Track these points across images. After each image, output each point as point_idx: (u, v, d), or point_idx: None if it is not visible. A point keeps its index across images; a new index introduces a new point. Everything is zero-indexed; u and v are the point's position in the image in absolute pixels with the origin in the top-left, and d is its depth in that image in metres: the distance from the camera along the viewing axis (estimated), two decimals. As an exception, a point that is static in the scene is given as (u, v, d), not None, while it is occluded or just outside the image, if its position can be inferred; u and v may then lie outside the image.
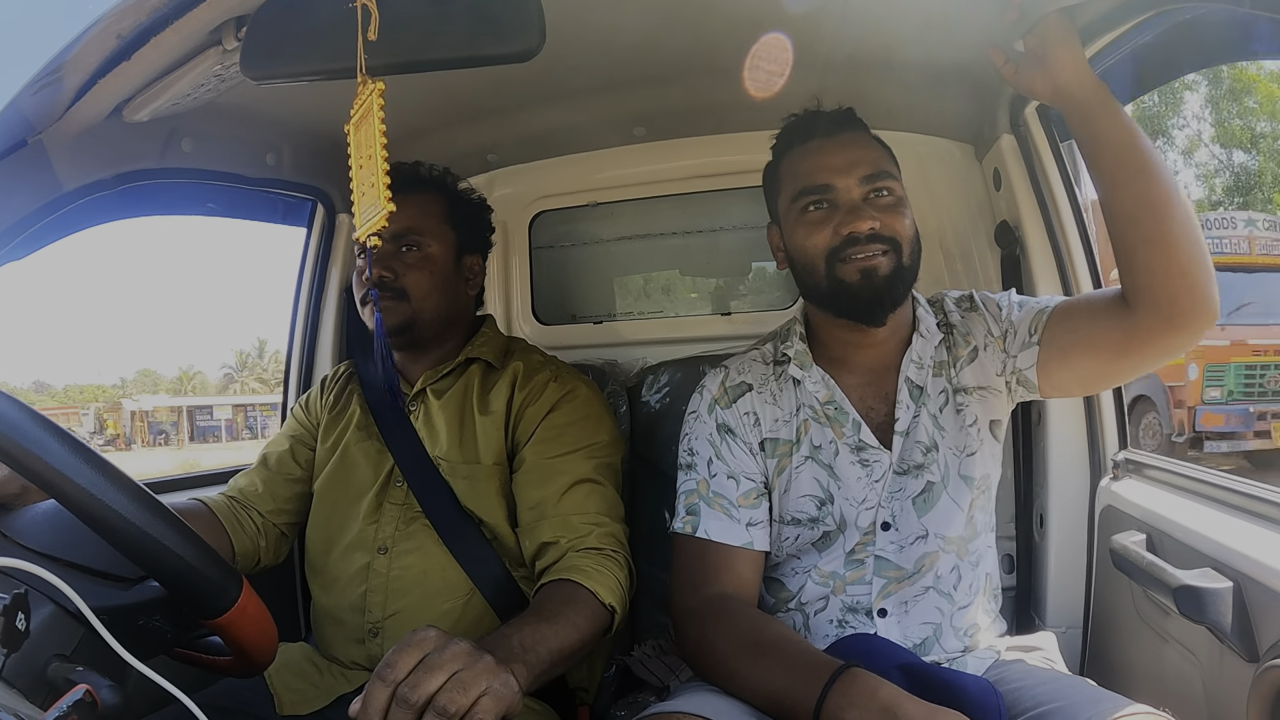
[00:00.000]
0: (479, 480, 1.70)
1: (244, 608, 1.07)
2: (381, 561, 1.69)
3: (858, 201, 1.51)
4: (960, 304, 1.61)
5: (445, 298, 1.81)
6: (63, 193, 1.56)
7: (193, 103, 1.52)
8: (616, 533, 1.62)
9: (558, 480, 1.64)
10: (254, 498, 1.86)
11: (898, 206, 1.51)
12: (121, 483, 1.00)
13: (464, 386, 1.79)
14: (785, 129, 1.63)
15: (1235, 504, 1.40)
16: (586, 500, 1.63)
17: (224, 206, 2.15)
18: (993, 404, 1.55)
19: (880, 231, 1.49)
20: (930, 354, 1.56)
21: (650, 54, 1.91)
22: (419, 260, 1.78)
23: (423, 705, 1.00)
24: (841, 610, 1.51)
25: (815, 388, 1.57)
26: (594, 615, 1.45)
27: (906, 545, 1.50)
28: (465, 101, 2.14)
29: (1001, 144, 1.95)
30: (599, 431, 1.74)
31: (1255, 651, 1.22)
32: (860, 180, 1.51)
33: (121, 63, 1.29)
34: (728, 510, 1.54)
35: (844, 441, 1.54)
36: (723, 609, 1.44)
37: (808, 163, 1.55)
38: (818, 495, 1.54)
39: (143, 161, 1.75)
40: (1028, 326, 1.50)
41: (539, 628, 1.32)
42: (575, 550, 1.55)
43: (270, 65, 1.21)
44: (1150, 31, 1.45)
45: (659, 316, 2.58)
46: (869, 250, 1.48)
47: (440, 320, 1.81)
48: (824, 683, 1.19)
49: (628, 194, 2.50)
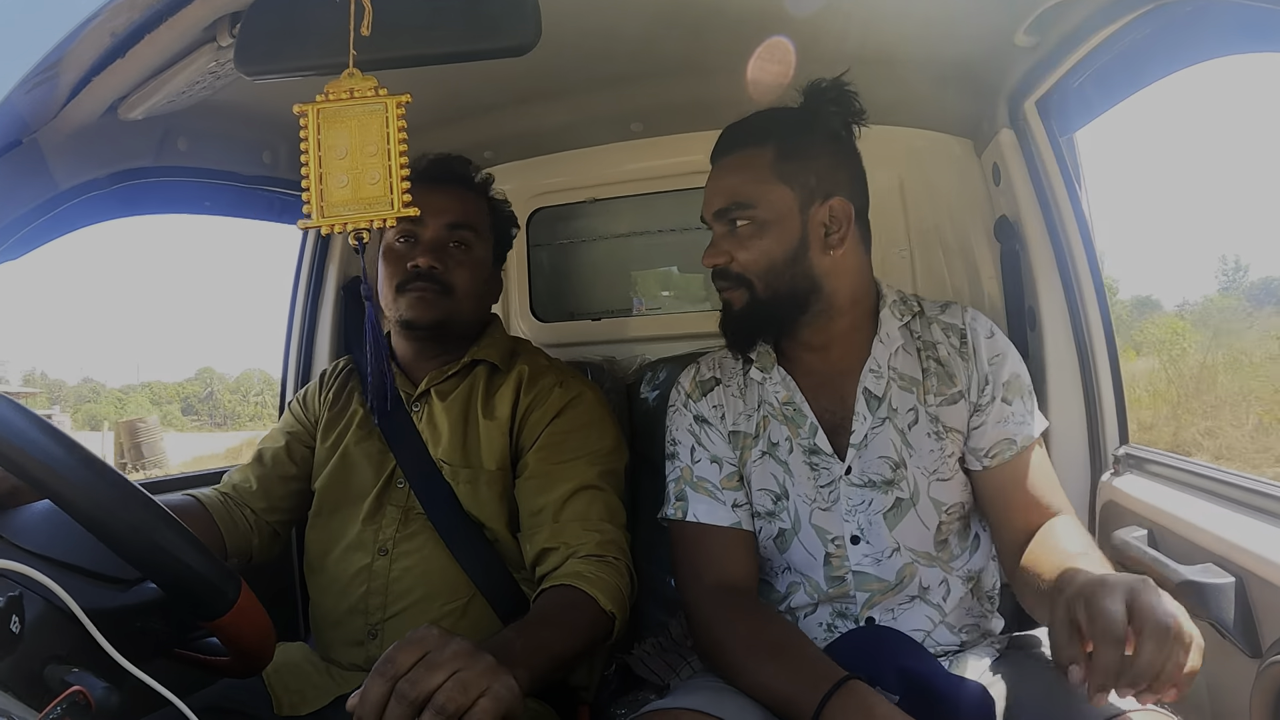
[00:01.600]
0: (480, 484, 1.69)
1: (242, 609, 1.07)
2: (382, 563, 1.69)
3: (717, 236, 1.55)
4: (950, 335, 1.56)
5: (480, 302, 1.84)
6: (58, 192, 1.55)
7: (188, 100, 1.51)
8: (618, 539, 1.62)
9: (560, 487, 1.63)
10: (248, 495, 1.84)
11: (752, 237, 1.51)
12: (116, 483, 0.99)
13: (469, 389, 1.78)
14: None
15: (1238, 499, 1.39)
16: (589, 507, 1.63)
17: (220, 205, 2.15)
18: (960, 444, 1.54)
19: (728, 268, 1.52)
20: (890, 361, 1.55)
21: (648, 49, 1.90)
22: (467, 259, 1.78)
23: (422, 702, 0.98)
24: (831, 615, 1.52)
25: (775, 388, 1.57)
26: (595, 621, 1.44)
27: (883, 559, 1.50)
28: (461, 97, 2.13)
29: (1001, 139, 1.94)
30: (603, 438, 1.74)
31: (1258, 647, 1.21)
32: (714, 216, 1.55)
33: (116, 60, 1.29)
34: (712, 493, 1.56)
35: (799, 442, 1.54)
36: (728, 605, 1.45)
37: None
38: (773, 490, 1.55)
39: (138, 160, 1.74)
40: (990, 440, 1.51)
41: (540, 632, 1.33)
42: (577, 557, 1.54)
43: (265, 61, 1.20)
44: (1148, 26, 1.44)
45: (657, 313, 2.57)
46: (719, 285, 1.55)
47: (469, 324, 1.81)
48: (823, 694, 1.21)
49: (626, 190, 2.50)
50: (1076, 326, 1.86)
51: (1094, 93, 1.72)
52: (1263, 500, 1.33)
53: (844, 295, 1.53)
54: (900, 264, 2.29)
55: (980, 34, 1.69)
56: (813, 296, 1.51)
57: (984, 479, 1.51)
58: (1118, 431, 1.82)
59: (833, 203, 1.50)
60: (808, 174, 1.50)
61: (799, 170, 1.50)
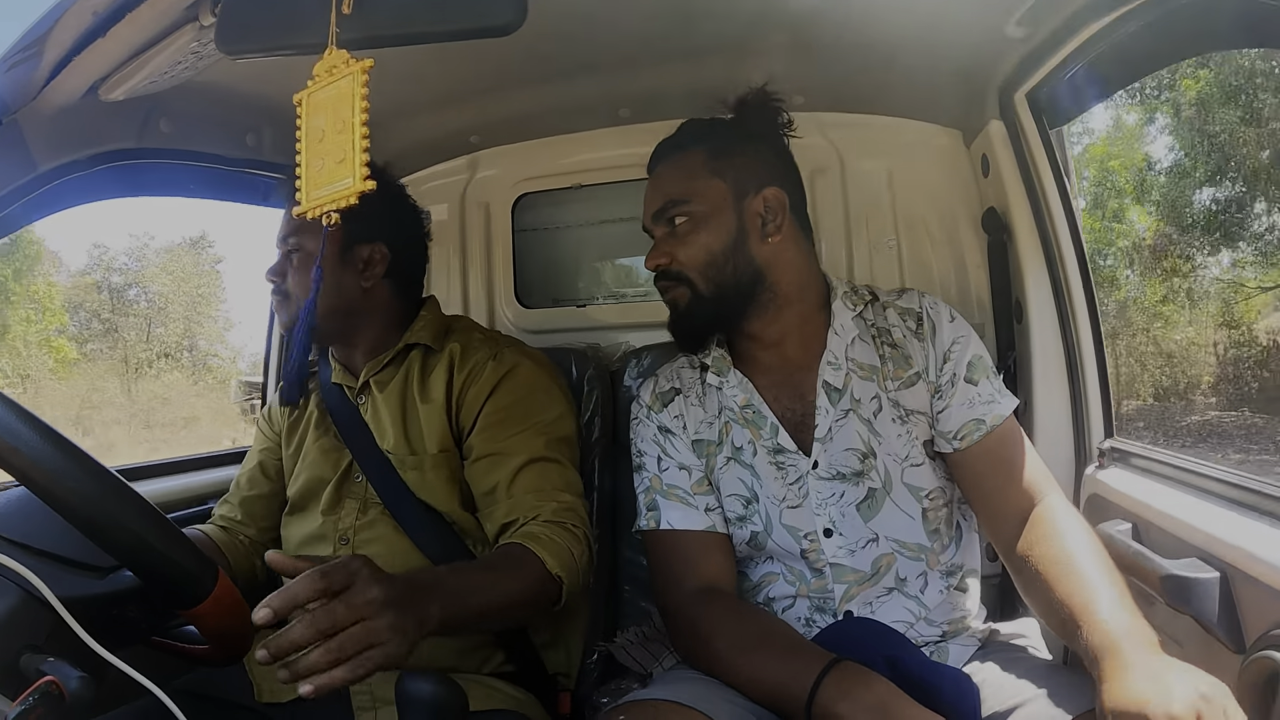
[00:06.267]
0: (426, 470, 1.68)
1: (219, 598, 1.06)
2: (345, 551, 1.68)
3: (658, 239, 1.58)
4: (906, 318, 1.56)
5: (340, 294, 1.75)
6: (38, 173, 1.54)
7: (170, 81, 1.49)
8: (574, 506, 1.60)
9: (509, 463, 1.62)
10: (237, 524, 1.87)
11: (690, 233, 1.53)
12: (89, 467, 0.98)
13: (405, 374, 1.77)
14: None
15: (1222, 493, 1.39)
16: (542, 479, 1.61)
17: (204, 187, 2.13)
18: (925, 427, 1.53)
19: (668, 267, 1.55)
20: (848, 353, 1.54)
21: (638, 33, 1.89)
22: (303, 263, 1.75)
23: (325, 634, 1.00)
24: (809, 609, 1.51)
25: (733, 392, 1.57)
26: (538, 581, 1.43)
27: (858, 549, 1.49)
28: (447, 81, 2.12)
29: (990, 130, 1.94)
30: (547, 406, 1.72)
31: (1242, 642, 1.21)
32: (653, 218, 1.59)
33: (97, 39, 1.27)
34: (684, 499, 1.56)
35: (762, 444, 1.54)
36: (711, 605, 1.45)
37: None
38: (743, 495, 1.55)
39: (120, 141, 1.72)
40: (957, 422, 1.49)
41: (474, 577, 1.33)
42: (535, 521, 1.54)
43: (245, 39, 1.19)
44: (1140, 19, 1.44)
45: (643, 300, 2.56)
46: (661, 285, 1.57)
47: (344, 317, 1.77)
48: (816, 675, 1.20)
49: (613, 176, 2.48)
50: (1063, 319, 1.86)
51: (1084, 85, 1.72)
52: (1247, 495, 1.33)
53: (788, 284, 1.54)
54: (887, 254, 2.28)
55: (971, 25, 1.68)
56: (756, 286, 1.52)
57: (960, 462, 1.49)
58: (1103, 425, 1.82)
59: (766, 193, 1.52)
60: (740, 168, 1.53)
61: (730, 165, 1.53)
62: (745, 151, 1.55)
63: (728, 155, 1.54)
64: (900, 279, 2.25)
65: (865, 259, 2.26)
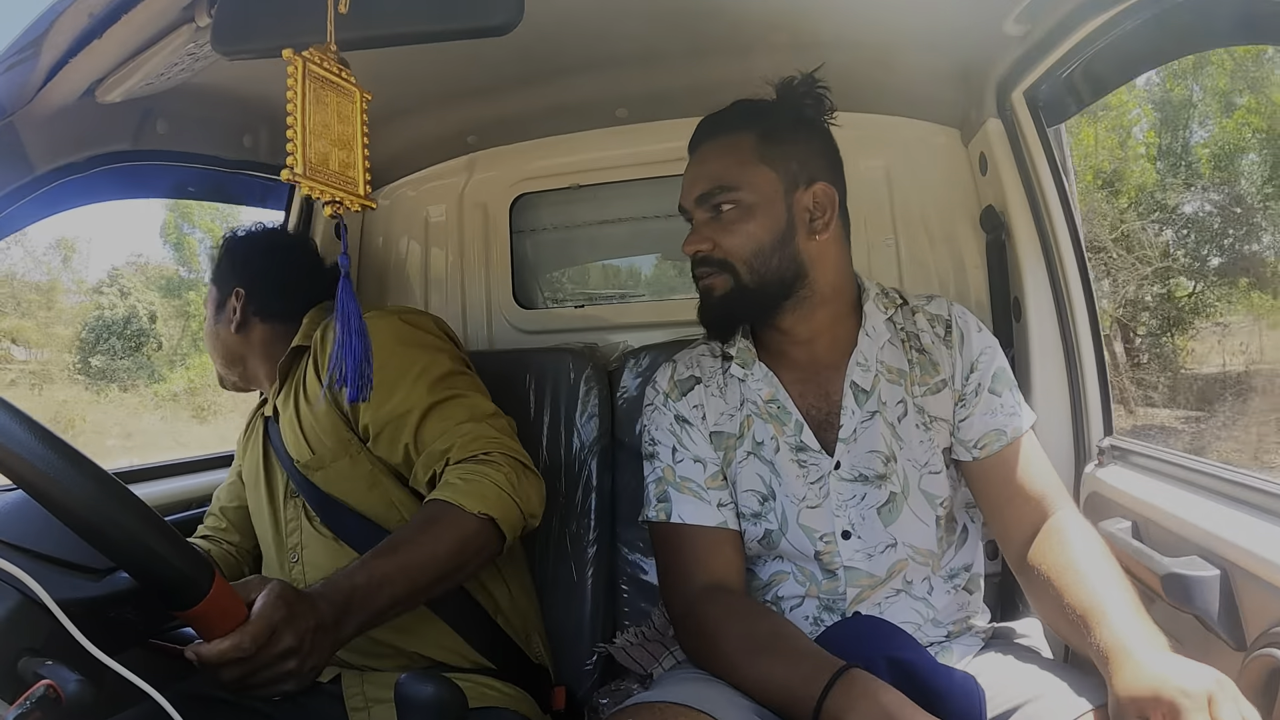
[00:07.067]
0: (329, 469, 1.67)
1: (215, 599, 1.05)
2: (297, 570, 1.70)
3: (699, 223, 1.54)
4: (935, 324, 1.56)
5: (217, 353, 1.91)
6: (34, 175, 1.53)
7: (167, 83, 1.49)
8: (485, 432, 1.56)
9: (405, 424, 1.59)
10: (222, 532, 1.92)
11: (737, 221, 1.49)
12: (85, 468, 0.97)
13: (295, 381, 1.77)
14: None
15: (1222, 491, 1.39)
16: (441, 422, 1.58)
17: (202, 189, 2.14)
18: (946, 434, 1.53)
19: (710, 254, 1.52)
20: (878, 355, 1.54)
21: (634, 33, 1.88)
22: (205, 322, 1.93)
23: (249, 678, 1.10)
24: (817, 609, 1.50)
25: (758, 385, 1.56)
26: (464, 533, 1.40)
27: (876, 554, 1.48)
28: (444, 82, 2.11)
29: (988, 129, 1.93)
30: (417, 354, 1.67)
31: (1243, 640, 1.21)
32: (696, 201, 1.54)
33: (93, 41, 1.27)
34: (698, 493, 1.53)
35: (785, 440, 1.53)
36: (718, 603, 1.44)
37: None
38: (760, 491, 1.53)
39: (117, 143, 1.72)
40: (979, 431, 1.50)
41: (386, 564, 1.31)
42: (449, 466, 1.51)
43: (242, 40, 1.18)
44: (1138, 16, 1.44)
45: (641, 300, 2.56)
46: (700, 272, 1.54)
47: (228, 369, 1.92)
48: (824, 683, 1.19)
49: (610, 176, 2.48)
50: (1062, 317, 1.86)
51: (1082, 83, 1.71)
52: (1247, 493, 1.32)
53: (827, 283, 1.52)
54: (885, 252, 2.27)
55: (969, 22, 1.68)
56: (798, 282, 1.50)
57: (976, 471, 1.50)
58: (1102, 423, 1.82)
59: (816, 188, 1.50)
60: (790, 159, 1.50)
61: (782, 155, 1.50)
62: (796, 140, 1.51)
63: (779, 143, 1.50)
64: (898, 277, 2.25)
65: (863, 257, 2.25)
